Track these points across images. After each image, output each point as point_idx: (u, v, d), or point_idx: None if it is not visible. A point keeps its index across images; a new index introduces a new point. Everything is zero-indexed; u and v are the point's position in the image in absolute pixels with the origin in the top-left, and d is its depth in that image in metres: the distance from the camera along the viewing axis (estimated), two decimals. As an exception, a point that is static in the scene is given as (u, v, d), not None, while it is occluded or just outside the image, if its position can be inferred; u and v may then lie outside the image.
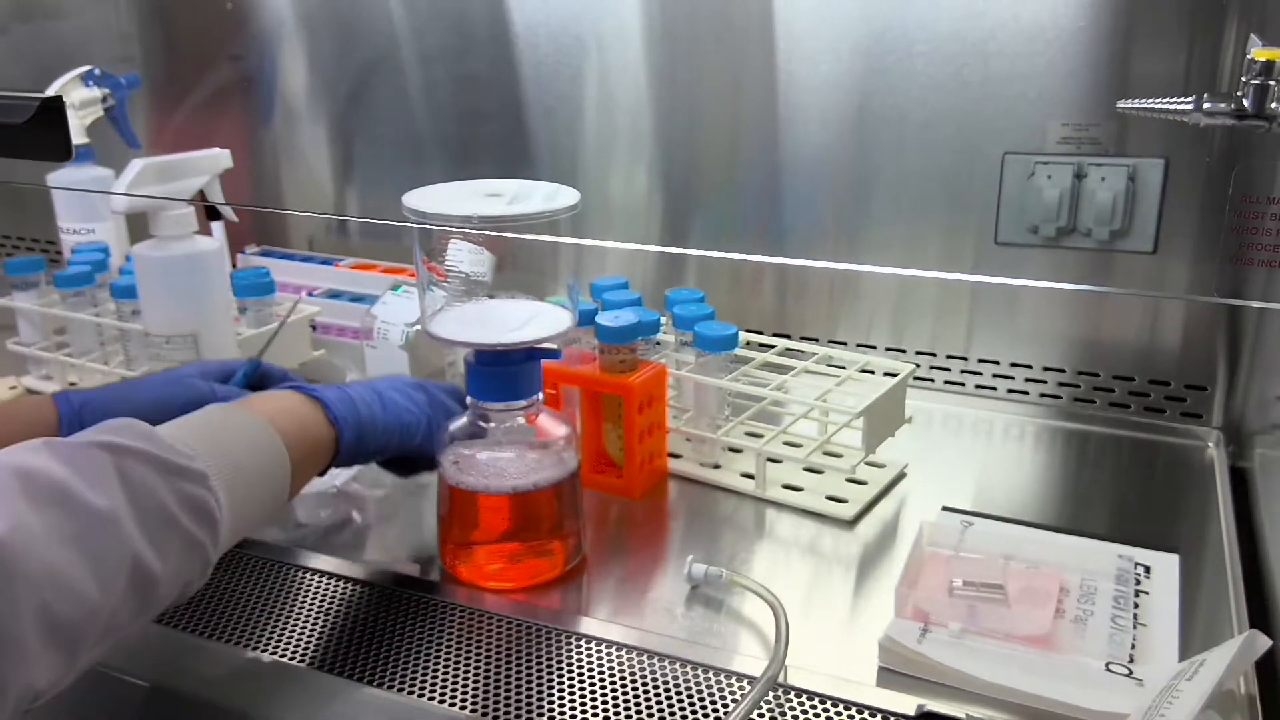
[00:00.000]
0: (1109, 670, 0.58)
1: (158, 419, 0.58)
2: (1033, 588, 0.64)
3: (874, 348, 1.04)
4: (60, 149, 0.67)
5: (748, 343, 0.93)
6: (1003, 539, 0.71)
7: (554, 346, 0.69)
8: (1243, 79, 0.68)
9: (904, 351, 1.03)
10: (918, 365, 0.92)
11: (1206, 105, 0.70)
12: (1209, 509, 0.80)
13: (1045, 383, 0.98)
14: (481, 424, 0.69)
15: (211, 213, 1.03)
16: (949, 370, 1.01)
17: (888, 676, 0.60)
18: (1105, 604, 0.64)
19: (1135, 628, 0.62)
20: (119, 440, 0.49)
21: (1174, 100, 0.71)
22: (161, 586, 0.48)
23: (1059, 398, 0.98)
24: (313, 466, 0.64)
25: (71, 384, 0.99)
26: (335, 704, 0.58)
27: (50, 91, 1.08)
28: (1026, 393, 0.99)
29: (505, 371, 0.67)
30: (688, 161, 1.08)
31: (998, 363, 0.99)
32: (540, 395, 0.69)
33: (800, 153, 1.02)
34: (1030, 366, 0.98)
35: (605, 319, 0.79)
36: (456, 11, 1.13)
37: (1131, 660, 0.59)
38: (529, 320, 0.69)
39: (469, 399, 0.69)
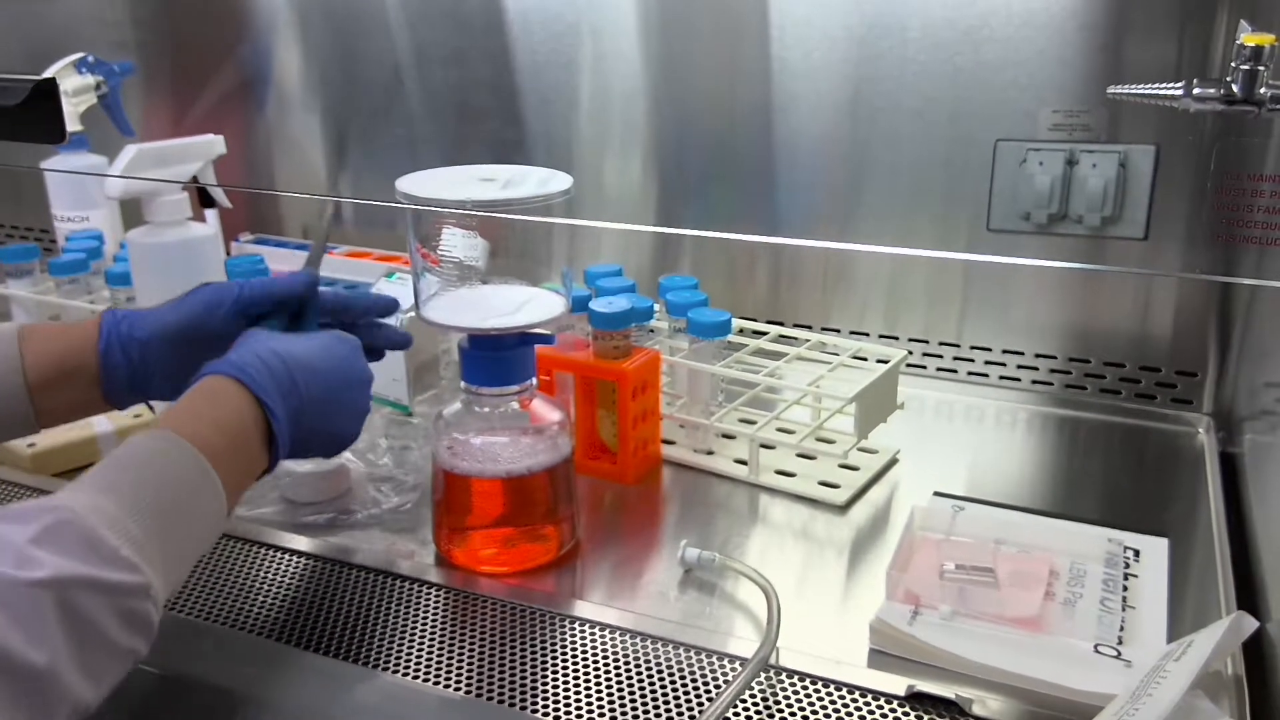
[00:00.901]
0: (1098, 651, 0.59)
1: (196, 338, 0.66)
2: (1023, 571, 0.65)
3: (867, 335, 1.04)
4: (54, 131, 0.67)
5: (740, 329, 0.93)
6: (993, 523, 0.71)
7: (547, 332, 0.69)
8: (1232, 64, 0.68)
9: (897, 338, 1.03)
10: (910, 352, 0.92)
11: (1196, 90, 0.70)
12: (1199, 494, 0.80)
13: (1037, 369, 0.99)
14: (475, 409, 0.69)
15: (206, 200, 1.03)
16: (941, 357, 1.02)
17: (878, 658, 0.60)
18: (1094, 587, 0.64)
19: (1124, 610, 0.62)
20: (62, 571, 0.45)
21: (1164, 85, 0.71)
22: (95, 704, 0.46)
23: (1050, 384, 0.98)
24: (245, 487, 0.60)
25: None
26: (332, 685, 0.58)
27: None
28: (1018, 379, 0.99)
29: (498, 356, 0.68)
30: (682, 150, 1.08)
31: (990, 349, 1.00)
32: (534, 380, 0.70)
33: (794, 140, 1.02)
34: (1022, 353, 0.99)
35: (599, 305, 0.80)
36: (450, 1, 1.13)
37: (1120, 642, 0.59)
38: (522, 305, 0.69)
39: (462, 383, 0.69)
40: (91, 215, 1.15)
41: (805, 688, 0.57)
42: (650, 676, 0.58)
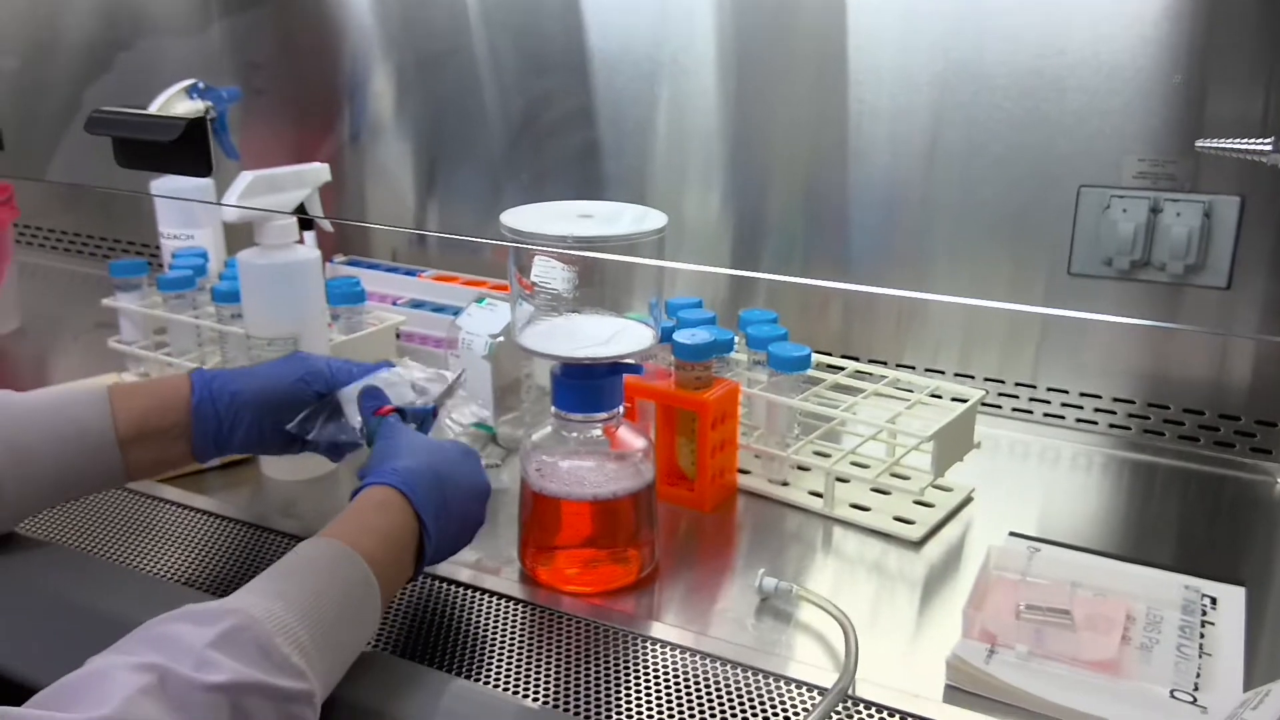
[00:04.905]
0: (1174, 697, 0.59)
1: (278, 397, 0.73)
2: (1099, 614, 0.65)
3: (942, 373, 1.05)
4: (203, 165, 0.72)
5: (816, 364, 0.95)
6: (1070, 566, 0.72)
7: (636, 362, 0.72)
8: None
9: (972, 377, 1.04)
10: (986, 392, 0.93)
11: (1285, 146, 0.71)
12: (1276, 544, 0.80)
13: (1114, 414, 0.99)
14: (564, 433, 0.72)
15: (305, 223, 1.08)
16: (1017, 397, 1.02)
17: (954, 694, 0.62)
18: (1171, 633, 0.65)
19: (1200, 657, 0.63)
20: (238, 677, 0.48)
21: (1253, 141, 0.72)
22: None
23: (1128, 429, 0.98)
24: (394, 594, 0.65)
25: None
26: (421, 691, 0.60)
27: (155, 105, 1.14)
28: (1095, 423, 0.99)
29: (590, 384, 0.70)
30: (759, 187, 1.10)
31: (1066, 392, 1.00)
32: (621, 408, 0.72)
33: (872, 181, 1.03)
34: (1099, 397, 0.99)
35: (682, 337, 0.82)
36: (536, 38, 1.16)
37: (1196, 689, 0.60)
38: (613, 336, 0.72)
39: (553, 409, 0.72)
40: (196, 234, 1.20)
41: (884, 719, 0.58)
42: (725, 699, 0.60)
